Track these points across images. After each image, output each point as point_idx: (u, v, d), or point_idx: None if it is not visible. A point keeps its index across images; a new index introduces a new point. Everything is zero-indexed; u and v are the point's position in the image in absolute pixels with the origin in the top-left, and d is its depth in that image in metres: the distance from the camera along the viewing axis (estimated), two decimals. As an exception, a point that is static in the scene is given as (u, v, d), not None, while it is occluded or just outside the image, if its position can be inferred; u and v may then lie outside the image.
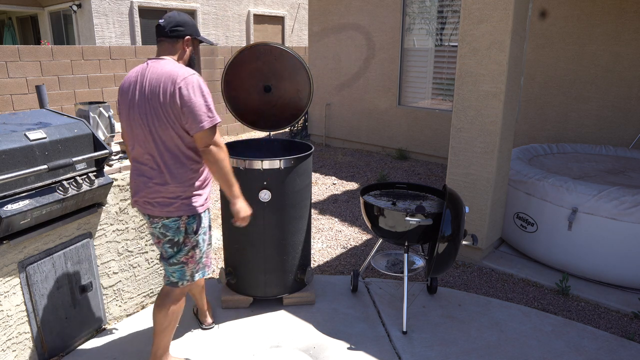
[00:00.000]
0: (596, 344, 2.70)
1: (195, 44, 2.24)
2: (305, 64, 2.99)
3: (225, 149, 2.09)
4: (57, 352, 2.48)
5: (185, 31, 2.15)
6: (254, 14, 13.85)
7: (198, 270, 2.28)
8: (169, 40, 2.14)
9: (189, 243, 2.19)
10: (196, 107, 1.98)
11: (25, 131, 2.26)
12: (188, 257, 2.21)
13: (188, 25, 2.16)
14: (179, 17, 2.16)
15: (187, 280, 2.25)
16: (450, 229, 2.57)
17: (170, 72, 2.01)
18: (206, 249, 2.30)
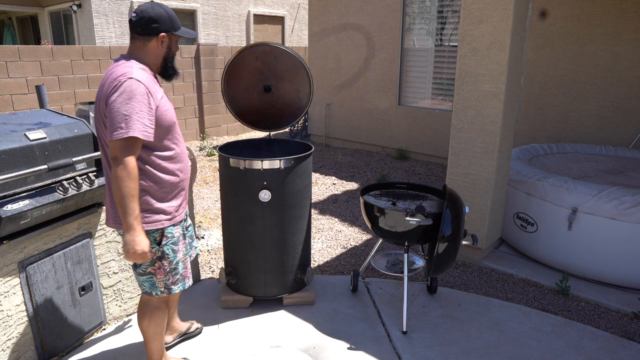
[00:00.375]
0: (596, 344, 2.70)
1: (172, 40, 2.04)
2: (305, 64, 2.99)
3: (129, 170, 1.80)
4: (57, 352, 2.48)
5: (160, 27, 1.95)
6: (254, 14, 13.84)
7: (175, 282, 2.13)
8: (142, 38, 1.96)
9: (152, 252, 2.04)
10: (115, 114, 1.79)
11: (25, 131, 2.26)
12: (155, 267, 2.06)
13: (163, 19, 1.95)
14: (153, 10, 1.94)
15: (161, 291, 2.12)
16: (450, 229, 2.57)
17: (116, 73, 1.85)
18: (181, 260, 2.14)
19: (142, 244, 1.88)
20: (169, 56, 2.03)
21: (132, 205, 1.82)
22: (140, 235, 1.88)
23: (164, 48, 2.00)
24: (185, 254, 2.18)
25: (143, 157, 1.93)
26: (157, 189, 1.99)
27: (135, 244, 1.86)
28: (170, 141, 2.02)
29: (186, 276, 2.19)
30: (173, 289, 2.13)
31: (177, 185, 2.07)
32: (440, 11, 6.49)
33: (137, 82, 1.82)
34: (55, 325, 2.44)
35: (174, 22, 2.00)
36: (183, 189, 2.13)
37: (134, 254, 1.87)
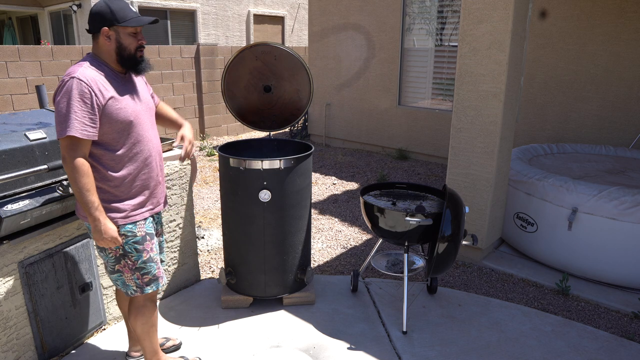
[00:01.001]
0: (596, 344, 2.70)
1: (121, 33, 1.93)
2: (305, 64, 2.99)
3: (77, 167, 1.84)
4: (57, 352, 2.48)
5: (101, 22, 1.90)
6: (254, 14, 13.84)
7: (147, 282, 2.12)
8: (93, 36, 1.95)
9: (111, 250, 2.05)
10: (57, 114, 1.84)
11: (25, 131, 2.26)
12: (121, 265, 2.08)
13: (103, 14, 1.89)
14: (96, 6, 1.91)
15: (133, 290, 2.12)
16: (450, 229, 2.57)
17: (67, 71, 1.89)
18: (150, 260, 2.12)
19: (110, 231, 1.94)
20: (120, 51, 1.95)
21: (91, 199, 1.87)
22: (106, 224, 1.93)
23: (113, 43, 1.93)
24: (156, 253, 2.17)
25: (95, 154, 1.94)
26: (109, 187, 1.99)
27: (102, 232, 1.93)
28: (127, 140, 1.99)
29: (159, 276, 2.18)
30: (146, 289, 2.13)
31: (133, 185, 2.05)
32: (440, 11, 6.49)
33: (78, 81, 1.83)
34: (55, 325, 2.44)
35: (117, 14, 1.90)
36: (144, 189, 2.10)
37: (105, 241, 1.95)
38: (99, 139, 1.92)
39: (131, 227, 2.06)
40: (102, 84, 1.90)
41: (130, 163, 2.02)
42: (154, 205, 2.18)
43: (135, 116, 2.00)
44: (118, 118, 1.93)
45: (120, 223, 2.02)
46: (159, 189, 2.20)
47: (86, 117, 1.84)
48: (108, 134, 1.93)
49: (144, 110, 2.08)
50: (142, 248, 2.09)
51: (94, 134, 1.88)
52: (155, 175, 2.16)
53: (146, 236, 2.11)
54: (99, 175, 1.97)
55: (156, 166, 2.16)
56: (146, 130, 2.07)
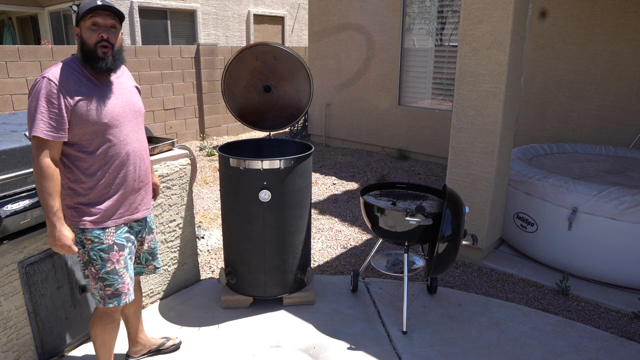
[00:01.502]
0: (596, 344, 2.70)
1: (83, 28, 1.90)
2: (305, 64, 2.99)
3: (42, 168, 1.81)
4: (57, 352, 2.48)
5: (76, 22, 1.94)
6: (254, 14, 13.85)
7: (108, 295, 2.03)
8: None
9: (79, 255, 2.01)
10: (28, 113, 1.83)
11: (25, 131, 2.26)
12: (88, 271, 2.02)
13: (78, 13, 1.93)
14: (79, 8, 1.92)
15: (97, 300, 2.05)
16: (450, 229, 2.57)
17: None
18: (115, 272, 2.02)
19: (64, 238, 1.89)
20: (83, 47, 1.90)
21: (50, 203, 1.83)
22: (61, 231, 1.88)
23: (79, 39, 1.93)
24: (123, 267, 2.05)
25: (69, 155, 1.91)
26: (81, 189, 1.94)
27: (56, 239, 1.88)
28: (102, 142, 1.92)
29: (123, 292, 2.06)
30: (107, 302, 2.04)
31: (107, 189, 1.98)
32: (440, 11, 6.49)
33: (47, 81, 1.81)
34: (55, 325, 2.44)
35: (80, 10, 1.91)
36: (119, 194, 2.02)
37: (58, 248, 1.90)
38: (72, 140, 1.88)
39: (99, 233, 1.98)
40: (73, 84, 1.86)
41: (105, 166, 1.95)
42: (131, 213, 2.08)
43: (110, 118, 1.93)
44: (89, 119, 1.87)
45: (89, 227, 1.96)
46: (137, 196, 2.10)
47: (52, 118, 1.80)
48: (80, 135, 1.88)
49: (126, 112, 2.01)
50: (107, 257, 2.00)
51: (62, 135, 1.83)
52: (133, 180, 2.06)
53: (114, 246, 2.01)
54: (73, 177, 1.93)
55: (135, 171, 2.06)
56: (126, 134, 2.00)
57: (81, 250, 2.00)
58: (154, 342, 2.54)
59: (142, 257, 2.29)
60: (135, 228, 2.16)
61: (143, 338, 2.50)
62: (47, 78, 1.81)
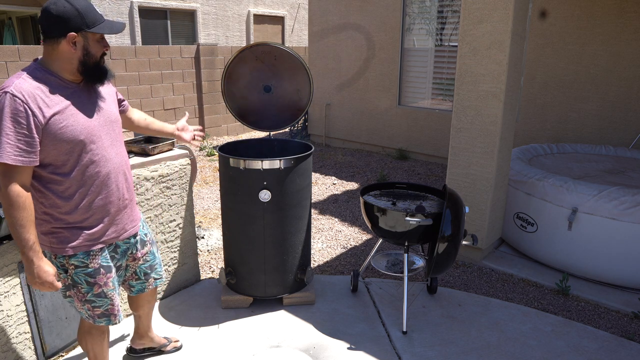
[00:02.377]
0: (596, 344, 2.70)
1: (90, 40, 1.70)
2: (305, 64, 2.99)
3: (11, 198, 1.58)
4: (57, 352, 2.49)
5: (68, 26, 1.63)
6: (254, 14, 13.85)
7: (97, 315, 1.93)
8: (49, 41, 1.65)
9: (60, 279, 1.85)
10: None
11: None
12: (72, 292, 1.88)
13: (69, 16, 1.62)
14: (56, 7, 1.61)
15: (85, 315, 1.94)
16: (450, 229, 2.57)
17: None
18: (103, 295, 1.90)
19: (45, 275, 1.68)
20: (86, 60, 1.70)
21: (25, 236, 1.61)
22: (40, 267, 1.67)
23: (79, 50, 1.67)
24: (112, 289, 1.93)
25: (42, 177, 1.70)
26: (59, 214, 1.75)
27: (36, 277, 1.67)
28: (78, 161, 1.73)
29: (112, 313, 1.95)
30: (97, 321, 1.94)
31: (88, 212, 1.80)
32: (440, 11, 6.49)
33: (11, 97, 1.55)
34: (55, 325, 2.44)
35: (86, 17, 1.65)
36: (102, 215, 1.85)
37: (40, 285, 1.69)
38: (44, 161, 1.66)
39: (83, 257, 1.82)
40: (42, 99, 1.61)
41: (84, 187, 1.76)
42: (118, 234, 1.93)
43: (87, 134, 1.72)
44: (64, 137, 1.65)
45: (70, 253, 1.80)
46: (124, 214, 1.95)
47: (21, 140, 1.56)
48: (54, 155, 1.66)
49: (102, 125, 1.80)
50: (93, 281, 1.86)
51: (33, 159, 1.60)
52: (117, 199, 1.89)
53: (100, 269, 1.86)
54: (48, 202, 1.73)
55: (119, 188, 1.89)
56: (104, 149, 1.80)
57: (63, 275, 1.83)
58: (158, 340, 2.54)
59: (138, 272, 2.14)
60: (122, 247, 2.01)
61: (150, 335, 2.51)
62: (11, 94, 1.55)
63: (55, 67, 1.69)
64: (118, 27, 1.73)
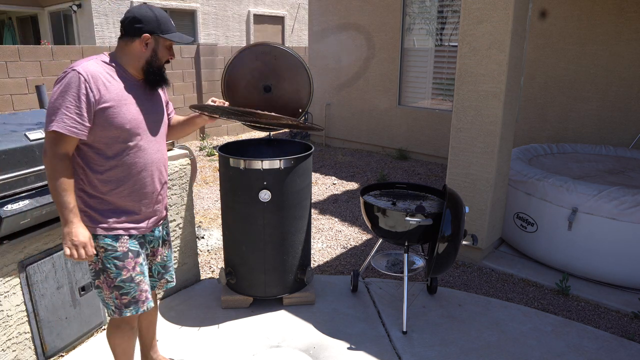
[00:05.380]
0: (596, 344, 2.70)
1: (160, 44, 1.90)
2: (305, 64, 2.99)
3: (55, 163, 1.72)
4: (57, 352, 2.48)
5: (144, 28, 1.83)
6: (254, 14, 13.85)
7: (125, 304, 1.94)
8: (124, 38, 1.85)
9: (91, 264, 1.90)
10: (50, 104, 1.72)
11: (25, 131, 2.26)
12: (100, 281, 1.91)
13: (148, 20, 1.83)
14: (139, 11, 1.84)
15: (112, 310, 1.95)
16: (450, 229, 2.57)
17: None
18: (131, 280, 1.93)
19: (81, 236, 1.77)
20: (153, 61, 1.89)
21: (66, 199, 1.74)
22: (78, 228, 1.77)
23: (148, 51, 1.87)
24: (139, 274, 1.96)
25: (86, 156, 1.82)
26: (95, 192, 1.85)
27: (72, 235, 1.76)
28: (121, 148, 1.84)
29: (140, 300, 1.97)
30: (124, 311, 1.95)
31: (121, 196, 1.89)
32: (440, 11, 6.49)
33: (77, 74, 1.71)
34: (55, 325, 2.44)
35: (162, 24, 1.86)
36: (134, 203, 1.92)
37: (74, 247, 1.77)
38: (90, 141, 1.79)
39: (111, 240, 1.88)
40: (104, 82, 1.77)
41: (121, 173, 1.86)
42: (146, 225, 2.00)
43: (134, 125, 1.85)
44: (113, 123, 1.79)
45: (100, 233, 1.86)
46: (155, 208, 2.02)
47: (77, 114, 1.71)
48: (100, 137, 1.79)
49: (149, 121, 1.93)
50: (122, 265, 1.91)
51: (83, 133, 1.74)
52: (151, 192, 1.97)
53: (128, 253, 1.92)
54: (86, 179, 1.84)
55: (153, 182, 1.97)
56: (146, 142, 1.92)
57: (94, 258, 1.88)
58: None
59: (154, 269, 2.17)
60: (147, 237, 2.06)
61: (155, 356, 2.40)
62: (78, 72, 1.72)
63: (124, 61, 1.88)
64: (186, 39, 1.97)
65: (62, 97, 1.70)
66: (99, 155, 1.82)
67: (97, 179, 1.84)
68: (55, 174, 1.73)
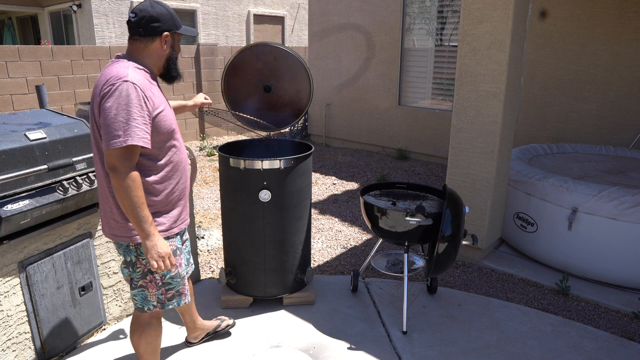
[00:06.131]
0: (596, 344, 2.70)
1: (175, 40, 1.93)
2: (305, 64, 2.99)
3: (133, 179, 1.71)
4: (57, 352, 2.48)
5: (163, 26, 1.84)
6: (254, 14, 13.85)
7: (169, 297, 2.02)
8: (143, 39, 1.84)
9: (140, 265, 1.94)
10: (111, 121, 1.67)
11: (25, 131, 2.26)
12: (146, 281, 1.95)
13: (165, 18, 1.84)
14: (154, 9, 1.83)
15: (153, 305, 2.00)
16: (450, 229, 2.57)
17: (109, 75, 1.74)
18: (176, 275, 2.01)
19: (164, 247, 1.81)
20: (172, 57, 1.93)
21: (145, 213, 1.75)
22: (160, 239, 1.81)
23: (168, 48, 1.89)
24: (184, 269, 2.07)
25: (139, 165, 1.81)
26: (151, 200, 1.86)
27: (157, 247, 1.79)
28: (168, 149, 1.90)
29: (183, 293, 2.06)
30: (167, 304, 2.02)
31: (172, 196, 1.95)
32: (440, 11, 6.49)
33: (132, 85, 1.70)
34: (55, 325, 2.44)
35: (175, 20, 1.89)
36: (181, 200, 2.01)
37: (161, 259, 1.81)
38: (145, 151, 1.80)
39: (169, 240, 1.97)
40: (150, 89, 1.78)
41: (171, 172, 1.92)
42: (185, 218, 2.08)
43: (174, 124, 1.92)
44: (164, 126, 1.83)
45: None
46: (187, 201, 2.10)
47: (144, 124, 1.71)
48: (154, 143, 1.81)
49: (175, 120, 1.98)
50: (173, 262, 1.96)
51: (149, 142, 1.75)
52: (185, 187, 2.05)
53: (176, 251, 2.00)
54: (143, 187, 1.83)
55: (186, 176, 2.06)
56: (180, 138, 2.00)
57: (145, 260, 1.91)
58: (210, 324, 2.64)
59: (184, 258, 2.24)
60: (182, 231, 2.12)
61: (200, 323, 2.59)
62: (131, 82, 1.70)
63: (148, 62, 1.87)
64: (194, 32, 2.00)
65: (125, 110, 1.67)
66: (151, 161, 1.84)
67: (152, 185, 1.86)
68: (131, 190, 1.71)
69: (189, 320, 2.55)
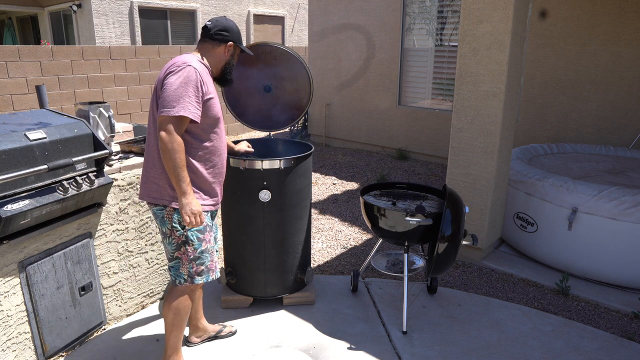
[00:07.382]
0: (596, 344, 2.70)
1: (236, 51, 2.31)
2: (305, 64, 2.99)
3: (178, 143, 2.02)
4: (57, 352, 2.48)
5: (230, 37, 2.23)
6: (254, 14, 13.85)
7: (199, 272, 2.23)
8: (211, 42, 2.22)
9: (174, 237, 2.17)
10: (169, 93, 2.00)
11: (25, 131, 2.26)
12: (180, 252, 2.19)
13: (233, 31, 2.25)
14: (227, 22, 2.24)
15: (183, 279, 2.22)
16: (450, 229, 2.57)
17: (177, 60, 2.08)
18: (207, 250, 2.24)
19: (196, 205, 2.08)
20: (230, 63, 2.29)
21: (184, 173, 2.03)
22: (194, 199, 2.08)
23: (228, 55, 2.26)
24: (212, 245, 2.28)
25: (185, 140, 2.10)
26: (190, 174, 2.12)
27: (191, 205, 2.06)
28: (213, 134, 2.19)
29: (211, 269, 2.28)
30: (196, 279, 2.23)
31: (209, 177, 2.22)
32: (440, 11, 6.49)
33: (194, 70, 2.04)
34: (55, 325, 2.44)
35: (240, 37, 2.30)
36: (215, 183, 2.26)
37: (193, 215, 2.07)
38: (192, 128, 2.11)
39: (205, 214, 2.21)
40: (205, 77, 2.12)
41: (212, 155, 2.20)
42: (217, 201, 2.32)
43: (220, 115, 2.22)
44: (212, 111, 2.14)
45: None
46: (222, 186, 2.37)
47: (197, 102, 2.05)
48: (201, 124, 2.12)
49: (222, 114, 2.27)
50: (202, 237, 2.21)
51: (199, 118, 2.07)
52: (223, 173, 2.33)
53: (207, 226, 2.23)
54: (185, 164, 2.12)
55: (224, 164, 2.34)
56: (222, 128, 2.29)
57: (179, 232, 2.15)
58: (213, 328, 2.69)
59: None
60: (213, 213, 2.35)
61: (203, 324, 2.65)
62: (194, 68, 2.05)
63: (209, 61, 2.24)
64: (251, 53, 2.41)
65: (183, 88, 2.01)
66: (195, 140, 2.14)
67: (193, 159, 2.15)
68: (175, 152, 2.00)
69: (194, 316, 2.60)
